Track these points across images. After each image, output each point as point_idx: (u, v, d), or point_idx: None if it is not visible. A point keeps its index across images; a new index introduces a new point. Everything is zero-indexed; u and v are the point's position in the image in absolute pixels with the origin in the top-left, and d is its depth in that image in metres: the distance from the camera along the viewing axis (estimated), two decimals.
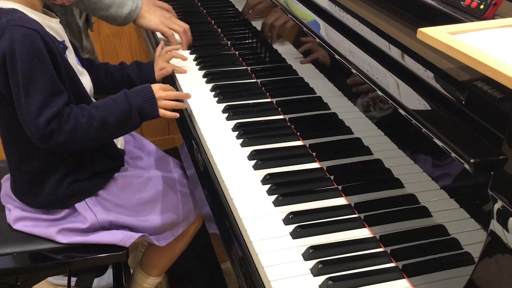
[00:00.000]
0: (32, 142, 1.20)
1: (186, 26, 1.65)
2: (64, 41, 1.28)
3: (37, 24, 1.16)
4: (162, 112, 1.29)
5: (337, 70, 1.13)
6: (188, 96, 1.35)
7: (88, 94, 1.32)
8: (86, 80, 1.36)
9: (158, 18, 1.61)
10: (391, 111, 0.94)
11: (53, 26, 1.25)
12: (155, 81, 1.49)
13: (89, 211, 1.31)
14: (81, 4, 1.53)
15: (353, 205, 1.02)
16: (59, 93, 1.17)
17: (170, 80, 1.52)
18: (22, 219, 1.33)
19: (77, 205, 1.31)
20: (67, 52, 1.28)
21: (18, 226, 1.33)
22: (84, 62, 1.44)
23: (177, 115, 1.31)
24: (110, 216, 1.32)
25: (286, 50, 1.41)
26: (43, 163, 1.28)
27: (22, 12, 1.18)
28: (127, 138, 1.54)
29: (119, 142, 1.45)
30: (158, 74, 1.49)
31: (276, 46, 1.47)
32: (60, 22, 1.33)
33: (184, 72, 1.51)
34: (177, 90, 1.47)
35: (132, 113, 1.25)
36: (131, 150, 1.53)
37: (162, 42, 1.61)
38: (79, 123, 1.19)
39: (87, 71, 1.44)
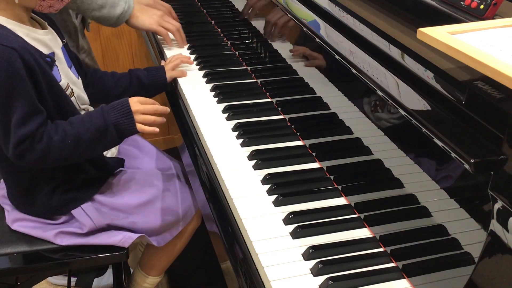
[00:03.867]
0: None
1: (178, 25, 1.65)
2: (53, 53, 1.24)
3: (18, 41, 1.13)
4: (140, 127, 1.21)
5: (337, 70, 1.13)
6: (166, 110, 1.29)
7: (76, 108, 1.27)
8: (78, 90, 1.33)
9: (151, 17, 1.61)
10: (391, 111, 0.94)
11: (40, 38, 1.21)
12: (166, 82, 1.48)
13: (85, 216, 1.29)
14: (73, 5, 1.53)
15: (353, 205, 1.02)
16: (35, 113, 1.14)
17: (171, 80, 1.52)
18: (20, 220, 1.33)
19: (74, 212, 1.30)
20: (57, 63, 1.24)
21: (16, 227, 1.33)
22: (83, 71, 1.42)
23: (156, 130, 1.23)
24: (107, 219, 1.31)
25: (286, 50, 1.41)
26: (32, 175, 1.27)
27: (3, 28, 1.14)
28: None
29: (111, 150, 1.42)
30: (170, 73, 1.48)
31: (276, 46, 1.47)
32: (56, 22, 1.32)
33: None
34: (178, 90, 1.48)
35: (108, 129, 1.19)
36: (127, 149, 1.52)
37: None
38: (52, 141, 1.15)
39: (90, 80, 1.43)
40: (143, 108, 1.23)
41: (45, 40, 1.23)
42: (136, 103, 1.22)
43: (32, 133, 1.13)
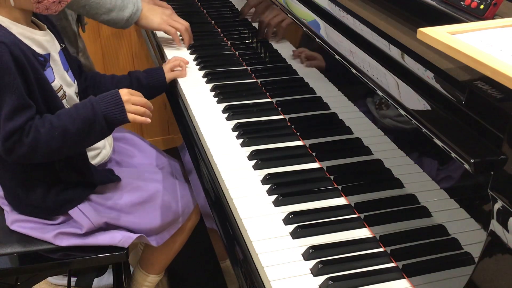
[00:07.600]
0: None
1: (187, 24, 1.65)
2: (48, 54, 1.23)
3: (9, 37, 1.13)
4: (131, 116, 1.21)
5: (337, 70, 1.13)
6: (151, 106, 1.27)
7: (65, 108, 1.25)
8: (71, 94, 1.32)
9: (160, 17, 1.61)
10: (391, 111, 0.94)
11: (35, 38, 1.21)
12: (165, 83, 1.48)
13: (83, 216, 1.29)
14: (82, 9, 1.53)
15: (353, 205, 1.02)
16: (25, 108, 1.13)
17: (171, 81, 1.52)
18: (19, 221, 1.33)
19: (71, 212, 1.29)
20: (52, 65, 1.24)
21: (15, 227, 1.33)
22: (83, 76, 1.41)
23: (148, 120, 1.23)
24: (104, 218, 1.31)
25: (286, 50, 1.41)
26: (21, 175, 1.27)
27: None
28: (119, 136, 1.53)
29: (98, 158, 1.39)
30: (169, 74, 1.48)
31: (276, 46, 1.47)
32: (56, 28, 1.31)
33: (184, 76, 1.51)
34: (178, 90, 1.48)
35: (97, 119, 1.18)
36: (123, 148, 1.51)
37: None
38: (39, 134, 1.14)
39: (91, 83, 1.42)
40: (134, 98, 1.23)
41: (41, 41, 1.22)
42: (126, 93, 1.22)
43: (21, 127, 1.13)
